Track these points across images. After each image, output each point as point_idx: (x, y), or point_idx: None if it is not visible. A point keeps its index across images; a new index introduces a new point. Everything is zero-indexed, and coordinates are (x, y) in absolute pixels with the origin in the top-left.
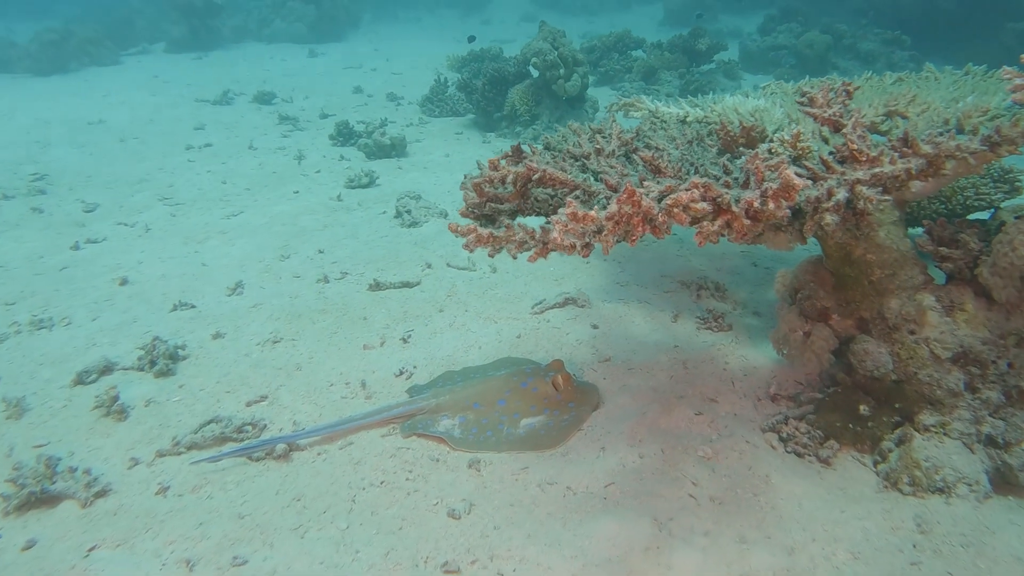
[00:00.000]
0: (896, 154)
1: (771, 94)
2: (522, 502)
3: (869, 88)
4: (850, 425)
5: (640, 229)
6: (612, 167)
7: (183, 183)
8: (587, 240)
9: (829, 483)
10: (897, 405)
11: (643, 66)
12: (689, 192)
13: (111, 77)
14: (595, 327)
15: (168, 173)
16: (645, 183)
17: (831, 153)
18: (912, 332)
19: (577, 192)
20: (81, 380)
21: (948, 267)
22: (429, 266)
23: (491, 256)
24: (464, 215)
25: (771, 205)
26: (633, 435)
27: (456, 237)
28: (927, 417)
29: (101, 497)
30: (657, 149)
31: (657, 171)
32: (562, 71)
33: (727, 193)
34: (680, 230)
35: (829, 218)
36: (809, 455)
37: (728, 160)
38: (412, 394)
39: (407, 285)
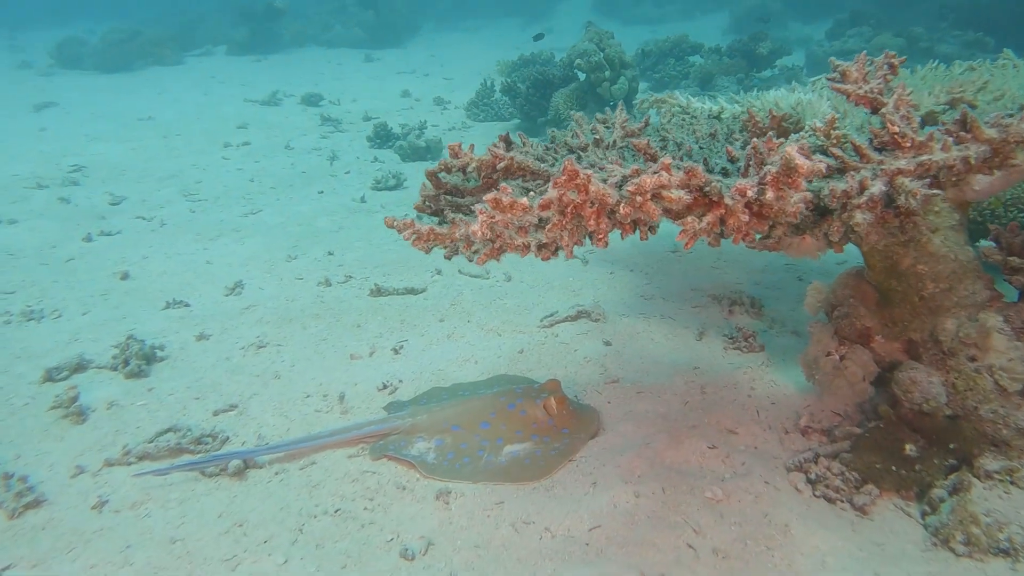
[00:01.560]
0: (951, 139)
1: (821, 88)
2: (490, 544)
3: (932, 77)
4: (893, 467)
5: (596, 223)
6: (607, 158)
7: (211, 179)
8: (540, 239)
9: (864, 537)
10: (952, 446)
11: (700, 71)
12: (656, 176)
13: (171, 76)
14: (607, 343)
15: (200, 170)
16: (608, 166)
17: (869, 140)
18: (972, 359)
19: None
20: (51, 377)
21: (1020, 281)
22: (439, 272)
23: (447, 258)
24: (418, 209)
25: (770, 194)
26: (631, 469)
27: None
28: (990, 461)
29: (32, 509)
30: (668, 140)
31: (654, 162)
32: (608, 73)
33: (717, 181)
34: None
35: (860, 216)
36: (841, 501)
37: (739, 147)
38: (391, 411)
39: (411, 292)
